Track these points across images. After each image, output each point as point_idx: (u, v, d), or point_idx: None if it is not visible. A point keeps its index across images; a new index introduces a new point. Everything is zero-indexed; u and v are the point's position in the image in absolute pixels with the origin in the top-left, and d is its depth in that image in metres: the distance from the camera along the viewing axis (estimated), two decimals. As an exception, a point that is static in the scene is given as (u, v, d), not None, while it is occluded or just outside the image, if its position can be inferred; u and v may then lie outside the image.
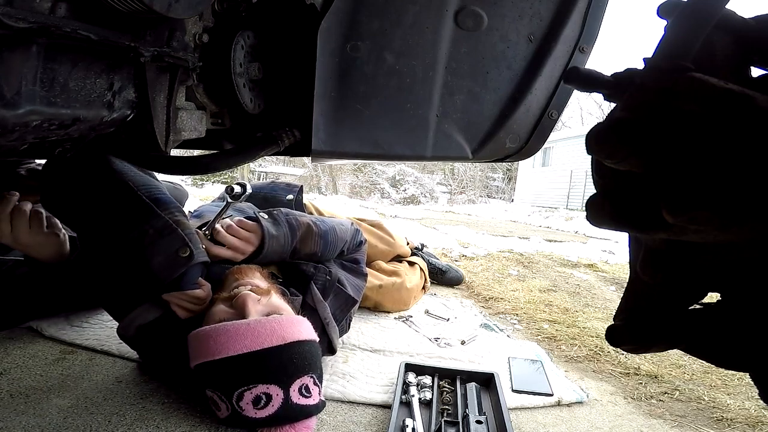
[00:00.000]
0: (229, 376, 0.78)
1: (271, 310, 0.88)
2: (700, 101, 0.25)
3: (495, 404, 1.00)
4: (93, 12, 0.47)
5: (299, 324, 0.85)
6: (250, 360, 0.77)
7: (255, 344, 0.78)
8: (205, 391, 0.82)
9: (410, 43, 0.82)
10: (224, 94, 0.77)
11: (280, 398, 0.77)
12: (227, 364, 0.78)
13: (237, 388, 0.77)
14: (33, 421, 0.81)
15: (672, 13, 0.31)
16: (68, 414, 0.84)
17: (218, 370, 0.79)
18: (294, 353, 0.80)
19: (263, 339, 0.79)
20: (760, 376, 0.34)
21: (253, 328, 0.79)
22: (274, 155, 0.93)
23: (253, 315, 0.84)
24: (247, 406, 0.76)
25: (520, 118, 0.92)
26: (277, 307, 0.89)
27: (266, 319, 0.82)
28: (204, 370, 0.80)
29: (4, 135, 0.46)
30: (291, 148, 0.91)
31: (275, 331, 0.80)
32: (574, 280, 2.59)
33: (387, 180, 19.62)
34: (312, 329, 0.89)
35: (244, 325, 0.80)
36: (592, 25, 0.89)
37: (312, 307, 1.06)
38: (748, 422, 1.09)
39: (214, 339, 0.79)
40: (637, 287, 0.37)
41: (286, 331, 0.81)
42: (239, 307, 0.86)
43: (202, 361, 0.80)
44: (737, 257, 0.30)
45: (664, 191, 0.27)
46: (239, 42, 0.75)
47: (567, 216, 9.11)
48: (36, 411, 0.84)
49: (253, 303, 0.86)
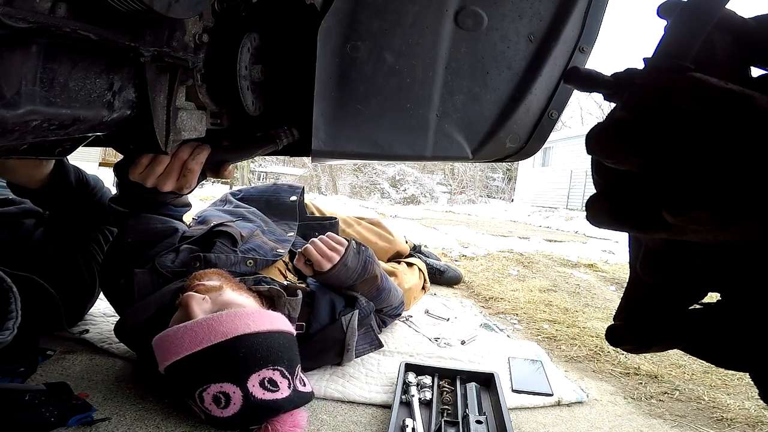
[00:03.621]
0: (184, 379, 0.79)
1: (221, 307, 0.85)
2: (700, 101, 0.25)
3: (495, 404, 1.00)
4: (93, 12, 0.47)
5: (247, 317, 0.82)
6: (193, 361, 0.77)
7: (194, 345, 0.77)
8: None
9: (410, 43, 0.82)
10: (227, 96, 0.77)
11: (239, 395, 0.75)
12: (178, 367, 0.79)
13: (194, 389, 0.77)
14: (33, 421, 0.80)
15: (672, 13, 0.31)
16: (68, 414, 0.84)
17: (174, 374, 0.80)
18: (241, 347, 0.78)
19: (201, 338, 0.78)
20: (760, 376, 0.34)
21: (189, 329, 0.79)
22: (272, 154, 0.93)
23: (197, 314, 0.83)
24: (211, 406, 0.76)
25: (520, 118, 0.92)
26: (227, 303, 0.86)
27: (204, 318, 0.80)
28: (167, 375, 0.82)
29: (4, 135, 0.45)
30: (291, 148, 0.91)
31: (213, 328, 0.78)
32: (574, 280, 2.59)
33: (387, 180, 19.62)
34: (275, 320, 0.87)
35: (182, 328, 0.80)
36: (592, 25, 0.89)
37: (342, 329, 1.07)
38: (748, 422, 1.09)
39: (162, 345, 0.81)
40: (637, 287, 0.37)
41: (227, 326, 0.79)
42: (183, 309, 0.85)
43: (163, 367, 0.81)
44: (737, 257, 0.30)
45: (664, 191, 0.27)
46: (246, 44, 0.75)
47: (567, 216, 9.11)
48: (36, 411, 0.84)
49: (196, 303, 0.85)
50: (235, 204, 1.57)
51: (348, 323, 1.07)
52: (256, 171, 17.44)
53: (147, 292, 0.99)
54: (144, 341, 0.92)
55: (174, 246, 1.09)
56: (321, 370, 1.12)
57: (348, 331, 1.07)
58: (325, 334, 1.05)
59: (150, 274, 1.02)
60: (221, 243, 1.14)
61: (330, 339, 1.07)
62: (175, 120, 0.67)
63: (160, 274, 1.02)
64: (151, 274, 1.02)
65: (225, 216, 1.36)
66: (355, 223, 1.90)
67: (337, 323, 1.07)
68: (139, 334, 0.94)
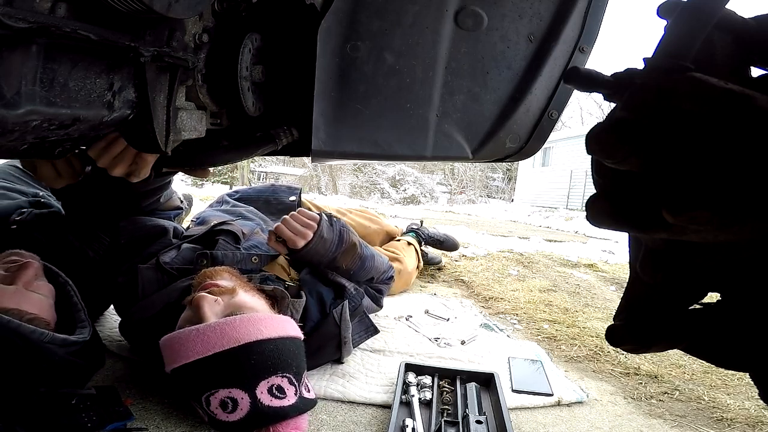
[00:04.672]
0: (192, 382, 0.78)
1: (233, 310, 0.84)
2: (700, 101, 0.25)
3: (495, 404, 1.00)
4: (93, 12, 0.47)
5: (260, 322, 0.81)
6: (203, 365, 0.76)
7: (205, 350, 0.76)
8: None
9: (410, 43, 0.82)
10: (227, 97, 0.77)
11: (247, 401, 0.75)
12: (187, 370, 0.78)
13: (202, 393, 0.76)
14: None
15: (672, 13, 0.31)
16: (68, 414, 0.84)
17: (182, 377, 0.79)
18: (253, 354, 0.77)
19: (213, 343, 0.76)
20: (760, 376, 0.34)
21: (201, 333, 0.77)
22: (271, 154, 0.93)
23: (209, 317, 0.81)
24: (217, 410, 0.75)
25: (520, 118, 0.92)
26: (240, 306, 0.85)
27: (216, 322, 0.79)
28: (173, 377, 0.81)
29: (4, 135, 0.45)
30: (291, 148, 0.91)
31: (226, 333, 0.77)
32: (574, 280, 2.59)
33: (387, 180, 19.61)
34: (286, 326, 0.86)
35: (194, 331, 0.78)
36: (592, 25, 0.89)
37: (336, 323, 1.06)
38: (748, 422, 1.09)
39: (171, 347, 0.80)
40: (637, 287, 0.37)
41: (240, 332, 0.78)
42: (194, 310, 0.84)
43: (170, 369, 0.80)
44: (737, 257, 0.30)
45: (664, 191, 0.27)
46: (247, 45, 0.75)
47: (567, 216, 9.11)
48: (36, 411, 0.84)
49: (208, 305, 0.83)
50: (233, 204, 1.58)
51: (340, 316, 1.06)
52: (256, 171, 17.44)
53: (152, 289, 0.99)
54: (149, 338, 0.92)
55: (174, 244, 1.10)
56: (321, 370, 1.12)
57: (342, 324, 1.06)
58: (319, 331, 1.05)
59: (155, 271, 1.01)
60: (224, 241, 1.14)
61: (326, 335, 1.06)
62: (175, 120, 0.67)
63: (164, 271, 1.02)
64: (156, 271, 1.01)
65: (224, 216, 1.36)
66: (345, 213, 2.08)
67: (330, 318, 1.06)
68: (145, 332, 0.94)
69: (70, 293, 0.88)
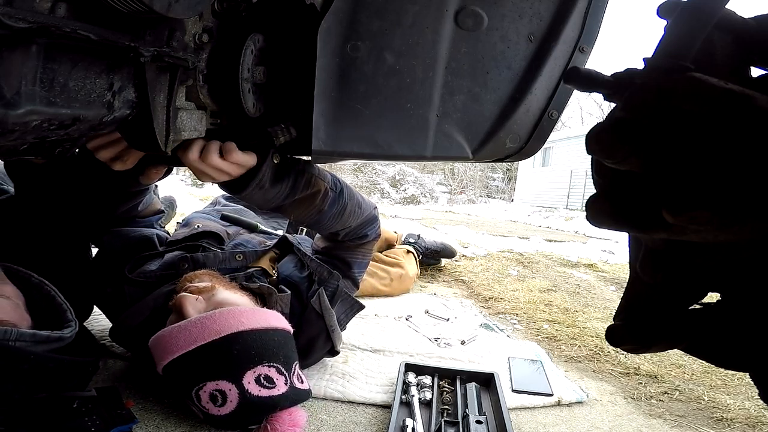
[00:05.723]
0: (181, 378, 0.80)
1: (215, 306, 0.87)
2: (700, 101, 0.25)
3: (495, 404, 1.00)
4: (93, 12, 0.47)
5: (241, 315, 0.83)
6: (188, 360, 0.79)
7: (188, 344, 0.79)
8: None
9: (410, 43, 0.82)
10: (228, 98, 0.77)
11: (235, 392, 0.77)
12: (174, 367, 0.80)
13: (191, 388, 0.78)
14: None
15: (672, 13, 0.31)
16: (68, 414, 0.84)
17: (171, 374, 0.81)
18: (236, 344, 0.79)
19: (195, 337, 0.79)
20: (760, 376, 0.34)
21: (184, 329, 0.80)
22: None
23: (191, 314, 0.84)
24: (208, 404, 0.77)
25: (520, 118, 0.92)
26: (221, 302, 0.87)
27: (198, 317, 0.82)
28: (164, 376, 0.83)
29: (3, 135, 0.45)
30: (291, 148, 0.90)
31: (207, 326, 0.80)
32: (574, 280, 2.59)
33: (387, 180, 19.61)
34: (269, 317, 0.87)
35: (176, 328, 0.81)
36: (592, 25, 0.89)
37: (318, 313, 1.05)
38: (748, 422, 1.09)
39: (157, 346, 0.82)
40: (637, 287, 0.37)
41: (221, 324, 0.80)
42: (177, 311, 0.87)
43: (160, 368, 0.82)
44: (737, 257, 0.30)
45: (664, 191, 0.27)
46: (249, 46, 0.75)
47: (567, 216, 9.11)
48: (36, 411, 0.84)
49: (190, 304, 0.86)
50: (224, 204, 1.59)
51: (320, 305, 1.05)
52: (256, 171, 17.39)
53: (138, 296, 0.99)
54: (140, 344, 0.92)
55: (157, 252, 1.10)
56: (321, 370, 1.12)
57: (324, 313, 1.05)
58: (305, 325, 1.03)
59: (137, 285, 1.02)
60: (207, 243, 1.14)
61: (311, 329, 1.04)
62: (175, 120, 0.67)
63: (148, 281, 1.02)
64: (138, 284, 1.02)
65: (209, 218, 1.36)
66: None
67: (310, 308, 1.04)
68: (135, 338, 0.94)
69: (52, 294, 0.86)
